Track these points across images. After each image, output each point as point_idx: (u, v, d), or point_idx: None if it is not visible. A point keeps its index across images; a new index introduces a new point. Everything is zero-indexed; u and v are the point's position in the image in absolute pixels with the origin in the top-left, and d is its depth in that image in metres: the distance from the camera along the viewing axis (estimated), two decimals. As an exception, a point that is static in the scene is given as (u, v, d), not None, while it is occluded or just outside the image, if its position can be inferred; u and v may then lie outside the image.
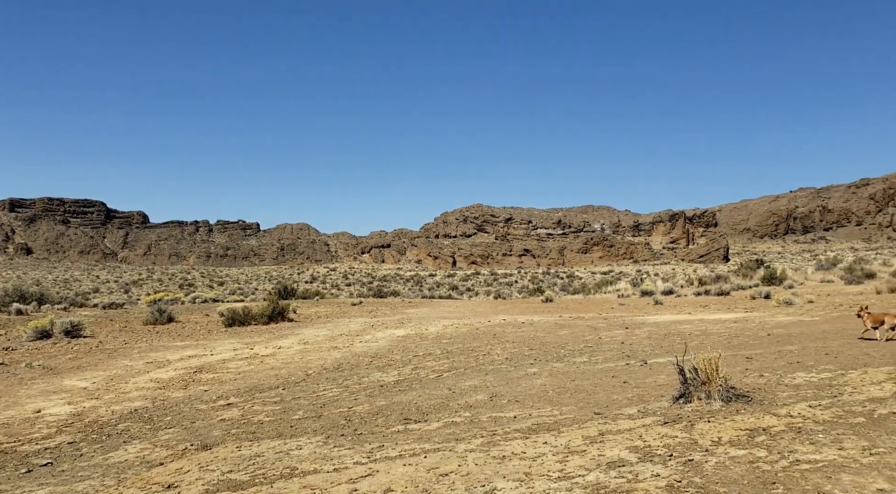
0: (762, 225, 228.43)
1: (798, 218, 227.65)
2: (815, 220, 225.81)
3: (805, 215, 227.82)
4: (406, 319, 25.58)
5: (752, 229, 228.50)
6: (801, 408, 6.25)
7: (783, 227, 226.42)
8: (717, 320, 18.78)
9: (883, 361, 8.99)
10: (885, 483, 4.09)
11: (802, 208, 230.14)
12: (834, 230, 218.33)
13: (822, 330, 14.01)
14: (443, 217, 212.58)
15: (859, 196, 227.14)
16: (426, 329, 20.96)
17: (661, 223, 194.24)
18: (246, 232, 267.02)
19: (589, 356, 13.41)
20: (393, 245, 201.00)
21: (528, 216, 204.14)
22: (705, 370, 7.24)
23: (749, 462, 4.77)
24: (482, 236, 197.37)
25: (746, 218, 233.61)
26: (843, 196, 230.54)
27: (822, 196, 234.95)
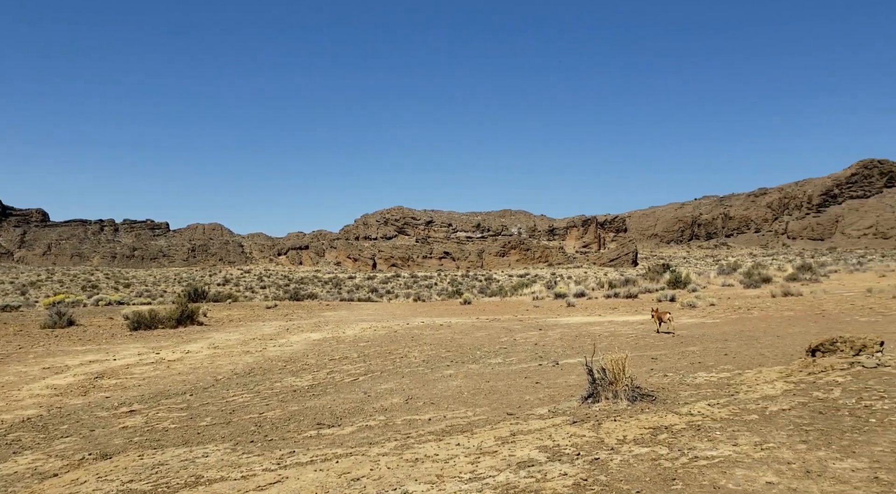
0: (669, 231, 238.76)
1: (702, 225, 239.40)
2: (718, 226, 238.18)
3: (708, 221, 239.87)
4: (323, 322, 25.20)
5: (659, 234, 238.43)
6: (701, 407, 6.55)
7: (688, 233, 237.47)
8: (625, 321, 19.46)
9: (776, 361, 9.56)
10: (773, 476, 4.34)
11: (706, 216, 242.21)
12: (735, 237, 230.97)
13: (722, 332, 14.75)
14: (363, 219, 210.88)
15: (757, 205, 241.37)
16: (343, 332, 20.72)
17: (574, 228, 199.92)
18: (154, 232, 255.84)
19: (504, 357, 13.60)
20: (311, 247, 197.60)
21: (449, 220, 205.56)
22: (612, 370, 7.48)
23: (651, 460, 4.95)
24: (403, 238, 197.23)
25: (654, 224, 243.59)
26: (743, 205, 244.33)
27: (724, 204, 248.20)
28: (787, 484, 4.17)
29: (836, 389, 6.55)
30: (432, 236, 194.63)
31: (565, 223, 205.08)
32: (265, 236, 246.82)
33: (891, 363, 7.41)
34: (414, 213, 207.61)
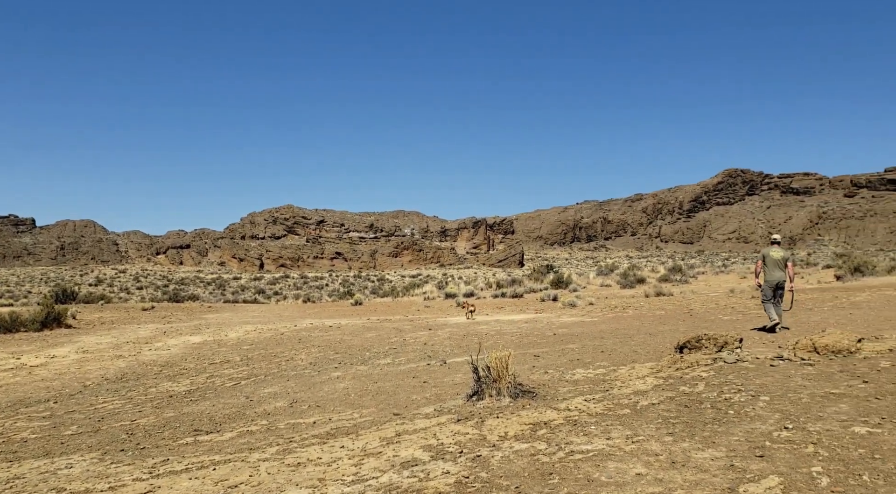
0: (553, 233, 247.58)
1: (583, 228, 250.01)
2: (598, 230, 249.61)
3: (589, 225, 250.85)
4: (204, 324, 24.17)
5: (544, 236, 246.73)
6: (578, 402, 6.82)
7: (570, 235, 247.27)
8: (510, 320, 19.98)
9: (647, 357, 10.12)
10: (642, 467, 4.58)
11: (587, 219, 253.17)
12: (613, 239, 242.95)
13: (599, 330, 15.45)
14: (250, 218, 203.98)
15: (634, 209, 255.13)
16: (226, 335, 19.97)
17: (465, 229, 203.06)
18: (18, 228, 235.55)
19: (393, 357, 13.59)
20: (193, 246, 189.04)
21: (341, 219, 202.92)
22: (496, 368, 7.64)
23: (531, 455, 5.10)
24: (293, 238, 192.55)
25: (539, 226, 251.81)
26: (621, 209, 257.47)
27: (604, 209, 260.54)
28: (654, 475, 4.41)
29: (701, 383, 7.01)
30: (324, 236, 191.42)
31: (457, 225, 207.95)
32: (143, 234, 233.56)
33: (748, 359, 8.03)
34: (304, 212, 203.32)
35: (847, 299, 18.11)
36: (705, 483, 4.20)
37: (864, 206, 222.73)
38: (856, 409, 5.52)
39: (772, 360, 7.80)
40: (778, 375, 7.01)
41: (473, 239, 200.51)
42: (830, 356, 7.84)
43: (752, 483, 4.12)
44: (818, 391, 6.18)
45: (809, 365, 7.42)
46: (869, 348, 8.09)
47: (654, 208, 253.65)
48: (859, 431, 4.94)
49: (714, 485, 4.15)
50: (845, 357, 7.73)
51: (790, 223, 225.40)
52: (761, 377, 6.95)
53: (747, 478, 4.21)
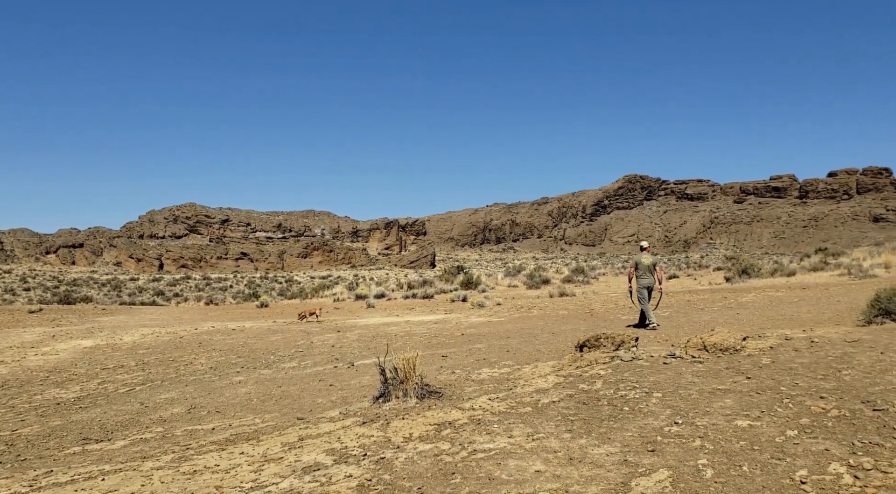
0: (464, 235, 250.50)
1: (493, 229, 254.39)
2: (506, 232, 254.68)
3: (498, 227, 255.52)
4: (97, 328, 22.88)
5: (455, 238, 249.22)
6: (483, 401, 6.92)
7: (480, 237, 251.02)
8: (421, 321, 20.04)
9: (550, 356, 10.39)
10: (542, 464, 4.70)
11: (496, 221, 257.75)
12: (521, 241, 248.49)
13: (506, 330, 15.74)
14: (149, 216, 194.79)
15: (540, 213, 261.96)
16: (121, 339, 18.99)
17: (377, 230, 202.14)
18: None
19: (299, 360, 13.33)
20: (87, 245, 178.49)
21: (247, 219, 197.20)
22: (404, 369, 7.64)
23: (434, 455, 5.12)
24: (195, 237, 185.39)
25: (451, 228, 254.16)
26: (528, 212, 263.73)
27: (512, 211, 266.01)
28: (553, 472, 4.53)
29: (599, 381, 7.26)
30: (228, 235, 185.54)
31: (369, 225, 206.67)
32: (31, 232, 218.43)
33: (643, 357, 8.38)
34: (208, 210, 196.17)
35: (735, 299, 19.27)
36: (600, 478, 4.36)
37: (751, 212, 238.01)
38: (739, 404, 5.87)
39: (665, 358, 8.18)
40: (670, 372, 7.36)
41: (386, 240, 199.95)
42: (718, 354, 8.31)
43: (643, 477, 4.30)
44: (706, 388, 6.54)
45: (699, 363, 7.84)
46: (752, 346, 8.64)
47: (560, 212, 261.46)
48: (741, 424, 5.25)
49: (608, 480, 4.31)
50: (731, 355, 8.21)
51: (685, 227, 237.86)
52: (655, 375, 7.27)
53: (639, 472, 4.40)
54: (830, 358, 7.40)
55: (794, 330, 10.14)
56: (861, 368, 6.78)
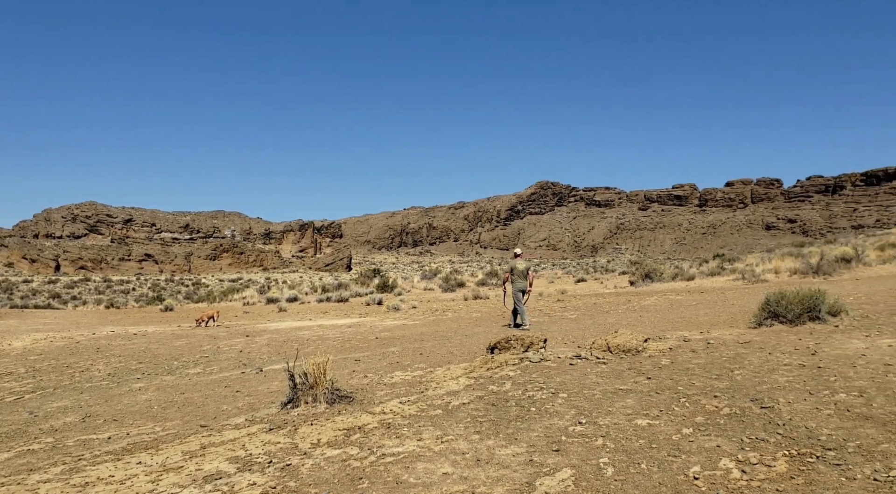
0: (381, 238, 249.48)
1: (410, 233, 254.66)
2: (424, 235, 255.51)
3: (415, 230, 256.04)
4: (-18, 332, 21.30)
5: (372, 240, 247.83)
6: (394, 405, 6.89)
7: (398, 240, 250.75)
8: (334, 325, 19.77)
9: (462, 358, 10.47)
10: (450, 467, 4.72)
11: (414, 224, 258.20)
12: (437, 244, 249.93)
13: (420, 333, 15.76)
14: (45, 214, 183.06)
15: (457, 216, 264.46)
16: (10, 344, 17.76)
17: (291, 232, 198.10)
18: None
19: (204, 366, 12.88)
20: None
21: (152, 219, 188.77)
22: (314, 374, 7.50)
23: (342, 461, 5.05)
24: (95, 237, 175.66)
25: (368, 231, 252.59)
26: (445, 216, 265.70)
27: (429, 215, 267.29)
28: (460, 474, 4.56)
29: (508, 382, 7.38)
30: (132, 236, 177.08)
31: (282, 227, 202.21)
32: None
33: (551, 358, 8.59)
34: (109, 210, 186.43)
35: (638, 302, 20.05)
36: (506, 478, 4.42)
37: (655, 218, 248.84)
38: (640, 403, 6.10)
39: (571, 359, 8.41)
40: (576, 373, 7.57)
41: (300, 242, 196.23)
42: (621, 355, 8.62)
43: (547, 477, 4.40)
44: (609, 388, 6.76)
45: (603, 363, 8.10)
46: (653, 347, 9.02)
47: (475, 216, 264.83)
48: (641, 423, 5.46)
49: (514, 480, 4.38)
50: (634, 356, 8.54)
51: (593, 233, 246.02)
52: (561, 376, 7.46)
53: (544, 472, 4.49)
54: (724, 359, 7.82)
55: (692, 332, 10.65)
56: (751, 368, 7.20)
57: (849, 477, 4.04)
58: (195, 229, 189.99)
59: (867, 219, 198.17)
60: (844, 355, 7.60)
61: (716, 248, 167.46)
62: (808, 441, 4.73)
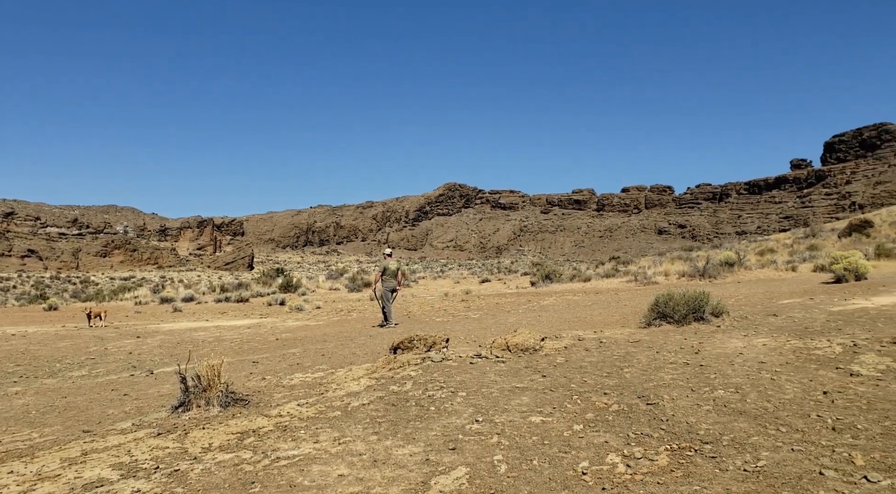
0: (285, 236, 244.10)
1: (316, 232, 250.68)
2: (331, 234, 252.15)
3: (322, 229, 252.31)
4: None
5: (276, 239, 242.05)
6: (291, 407, 6.76)
7: (303, 239, 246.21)
8: (232, 326, 19.17)
9: (365, 359, 10.41)
10: (346, 468, 4.68)
11: (320, 223, 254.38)
12: (345, 244, 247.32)
13: (323, 333, 15.55)
14: None
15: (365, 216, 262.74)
16: None
17: (189, 229, 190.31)
18: None
19: (90, 368, 12.17)
20: None
21: (37, 212, 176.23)
22: (208, 376, 7.25)
23: (234, 465, 4.91)
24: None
25: (272, 229, 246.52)
26: (353, 215, 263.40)
27: (337, 214, 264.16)
28: (356, 475, 4.53)
29: (409, 382, 7.40)
30: (13, 230, 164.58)
31: (179, 224, 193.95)
32: None
33: (452, 358, 8.68)
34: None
35: (538, 302, 20.62)
36: (402, 478, 4.44)
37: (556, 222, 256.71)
38: (535, 401, 6.27)
39: (472, 358, 8.54)
40: (476, 372, 7.70)
41: (198, 240, 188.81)
42: (519, 354, 8.83)
43: (443, 475, 4.45)
44: (506, 386, 6.91)
45: (502, 362, 8.27)
46: (550, 346, 9.30)
47: (384, 216, 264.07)
48: (535, 420, 5.62)
49: (409, 480, 4.40)
50: (531, 354, 8.77)
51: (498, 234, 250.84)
52: (461, 375, 7.56)
53: (439, 471, 4.54)
54: (615, 357, 8.17)
55: (587, 331, 11.06)
56: (639, 366, 7.56)
57: (722, 469, 4.32)
58: (84, 225, 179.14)
59: (749, 225, 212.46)
60: (724, 353, 8.11)
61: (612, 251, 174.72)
62: (688, 435, 5.02)
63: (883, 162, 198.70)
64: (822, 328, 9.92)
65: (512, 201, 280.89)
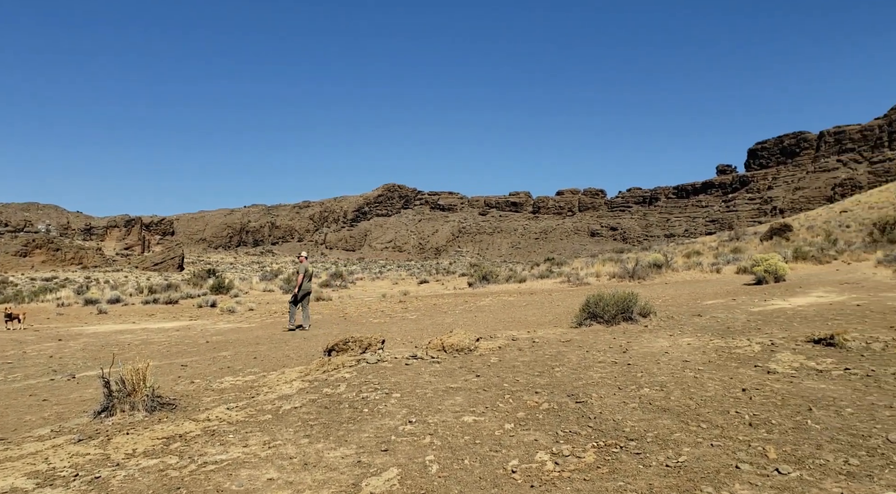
0: (218, 236, 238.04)
1: (250, 232, 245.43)
2: (265, 234, 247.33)
3: (257, 229, 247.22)
4: None
5: (208, 239, 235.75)
6: (220, 411, 6.61)
7: (237, 239, 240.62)
8: (161, 328, 18.58)
9: (299, 361, 10.28)
10: (275, 472, 4.62)
11: (255, 223, 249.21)
12: (280, 244, 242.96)
13: (256, 336, 15.25)
14: None
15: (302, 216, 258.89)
16: None
17: (116, 228, 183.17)
18: None
19: (6, 373, 11.57)
20: None
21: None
22: (132, 380, 7.01)
23: (159, 471, 4.77)
24: None
25: (204, 229, 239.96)
26: (289, 215, 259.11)
27: (272, 213, 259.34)
28: (286, 478, 4.48)
29: (343, 384, 7.36)
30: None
31: (105, 223, 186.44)
32: None
33: (387, 359, 8.67)
34: None
35: (474, 303, 20.81)
36: (332, 480, 4.41)
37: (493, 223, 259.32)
38: (468, 401, 6.34)
39: (407, 359, 8.55)
40: (411, 373, 7.71)
41: (126, 239, 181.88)
42: (455, 354, 8.90)
43: (374, 477, 4.44)
44: (441, 386, 6.96)
45: (437, 363, 8.32)
46: (484, 346, 9.40)
47: (321, 216, 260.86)
48: (468, 420, 5.68)
49: (340, 482, 4.38)
50: (466, 355, 8.85)
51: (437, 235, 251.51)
52: (396, 376, 7.57)
53: (371, 472, 4.53)
54: (547, 357, 8.33)
55: (521, 331, 11.24)
56: (570, 365, 7.73)
57: (645, 465, 4.47)
58: (2, 222, 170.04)
59: (677, 228, 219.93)
60: (651, 352, 8.39)
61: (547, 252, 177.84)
62: (615, 432, 5.17)
63: (801, 169, 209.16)
64: (742, 327, 10.38)
65: (451, 203, 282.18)
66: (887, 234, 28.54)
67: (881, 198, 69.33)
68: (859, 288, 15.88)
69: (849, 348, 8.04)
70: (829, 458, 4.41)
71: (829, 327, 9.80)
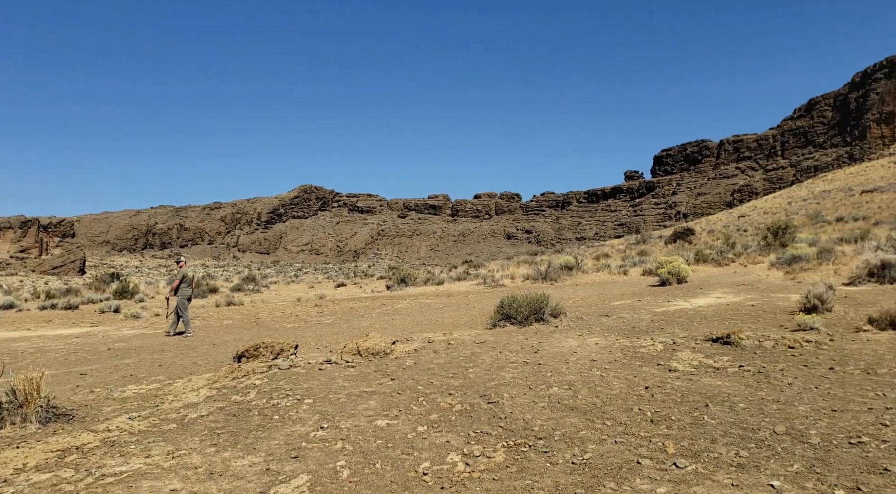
0: (122, 238, 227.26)
1: (157, 234, 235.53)
2: (174, 236, 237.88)
3: (164, 231, 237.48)
4: None
5: (111, 241, 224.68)
6: (121, 421, 6.32)
7: (143, 241, 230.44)
8: (59, 335, 17.54)
9: (207, 368, 9.95)
10: (179, 482, 4.46)
11: (162, 225, 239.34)
12: (190, 247, 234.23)
13: (162, 342, 14.64)
14: None
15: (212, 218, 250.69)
16: None
17: (10, 230, 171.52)
18: None
19: None
20: None
21: None
22: (25, 390, 6.60)
23: (52, 486, 4.51)
24: None
25: (107, 230, 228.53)
26: (199, 216, 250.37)
27: (181, 215, 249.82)
28: (191, 488, 4.33)
29: (253, 391, 7.18)
30: None
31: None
32: None
33: (300, 364, 8.53)
34: None
35: (392, 306, 20.75)
36: (239, 489, 4.30)
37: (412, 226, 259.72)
38: (382, 404, 6.32)
39: (321, 364, 8.44)
40: (324, 378, 7.62)
41: (21, 241, 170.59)
42: (370, 358, 8.86)
43: (283, 484, 4.36)
44: (355, 391, 6.91)
45: (352, 367, 8.26)
46: (400, 349, 9.40)
47: (233, 218, 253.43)
48: (381, 424, 5.67)
49: (248, 491, 4.27)
50: (381, 358, 8.82)
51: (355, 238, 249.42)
52: (309, 381, 7.46)
53: (280, 480, 4.45)
54: (461, 358, 8.42)
55: (437, 334, 11.31)
56: (483, 366, 7.85)
57: (553, 463, 4.60)
58: None
59: (588, 232, 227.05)
60: (560, 352, 8.63)
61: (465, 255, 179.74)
62: (524, 432, 5.29)
63: (703, 175, 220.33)
64: (647, 327, 10.84)
65: (370, 205, 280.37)
66: (779, 238, 30.45)
67: (774, 204, 74.10)
68: (754, 289, 16.87)
69: (743, 346, 8.54)
70: (722, 451, 4.67)
71: (726, 326, 10.37)
